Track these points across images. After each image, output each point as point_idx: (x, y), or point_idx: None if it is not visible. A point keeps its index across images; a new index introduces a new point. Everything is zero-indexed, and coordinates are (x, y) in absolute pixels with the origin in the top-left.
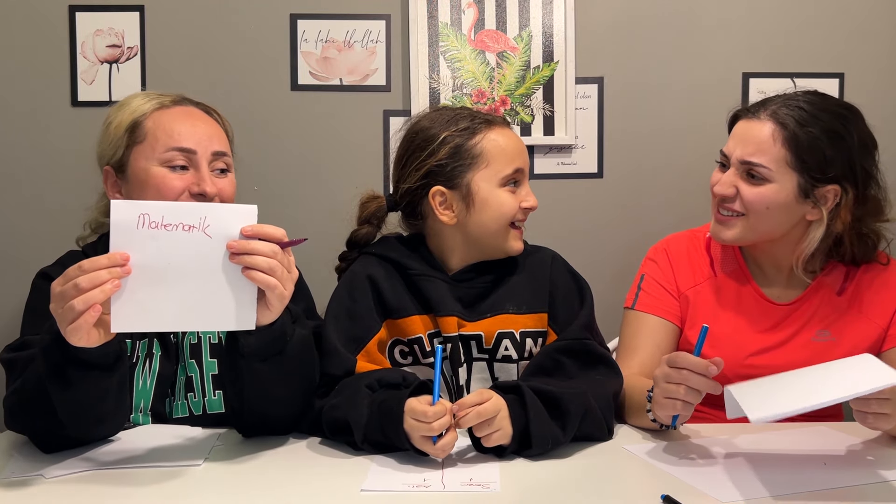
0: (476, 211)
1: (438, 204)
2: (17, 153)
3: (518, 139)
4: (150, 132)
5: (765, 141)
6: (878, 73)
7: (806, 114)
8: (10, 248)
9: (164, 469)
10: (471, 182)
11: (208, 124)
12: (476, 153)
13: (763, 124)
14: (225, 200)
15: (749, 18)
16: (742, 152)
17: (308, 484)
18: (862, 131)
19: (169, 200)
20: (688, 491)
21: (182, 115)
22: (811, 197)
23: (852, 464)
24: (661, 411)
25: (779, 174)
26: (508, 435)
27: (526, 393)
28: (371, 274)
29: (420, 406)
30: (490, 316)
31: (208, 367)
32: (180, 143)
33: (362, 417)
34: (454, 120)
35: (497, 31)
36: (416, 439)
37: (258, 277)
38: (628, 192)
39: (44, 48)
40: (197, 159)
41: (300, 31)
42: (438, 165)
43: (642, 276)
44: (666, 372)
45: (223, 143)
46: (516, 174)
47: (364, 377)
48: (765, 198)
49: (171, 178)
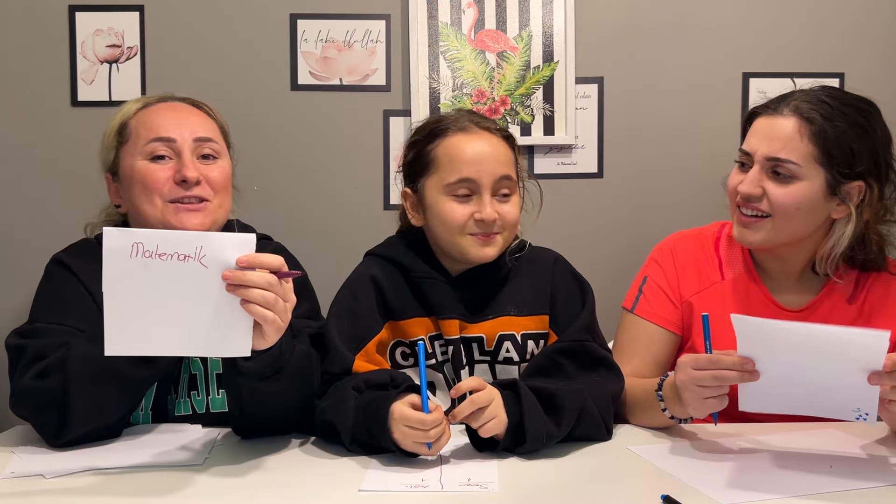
0: (430, 217)
1: (409, 206)
2: (17, 153)
3: (484, 147)
4: (134, 130)
5: (792, 136)
6: (878, 73)
7: (830, 108)
8: (10, 248)
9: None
10: (423, 187)
11: (192, 113)
12: (429, 159)
13: (787, 120)
14: (212, 185)
15: (749, 18)
16: (768, 149)
17: (307, 484)
18: (883, 126)
19: (155, 192)
20: (688, 491)
21: (164, 108)
22: (838, 194)
23: (860, 467)
24: (699, 413)
25: (807, 171)
26: (504, 423)
27: (521, 388)
28: (374, 275)
29: (415, 414)
30: (491, 318)
31: (213, 365)
32: (159, 133)
33: (348, 419)
34: (430, 123)
35: (497, 31)
36: (407, 445)
37: (254, 310)
38: (628, 192)
39: (44, 48)
40: (178, 147)
41: (300, 31)
42: (405, 167)
43: (644, 279)
44: (696, 376)
45: (208, 129)
46: (461, 183)
47: (352, 379)
48: (795, 197)
49: (153, 170)
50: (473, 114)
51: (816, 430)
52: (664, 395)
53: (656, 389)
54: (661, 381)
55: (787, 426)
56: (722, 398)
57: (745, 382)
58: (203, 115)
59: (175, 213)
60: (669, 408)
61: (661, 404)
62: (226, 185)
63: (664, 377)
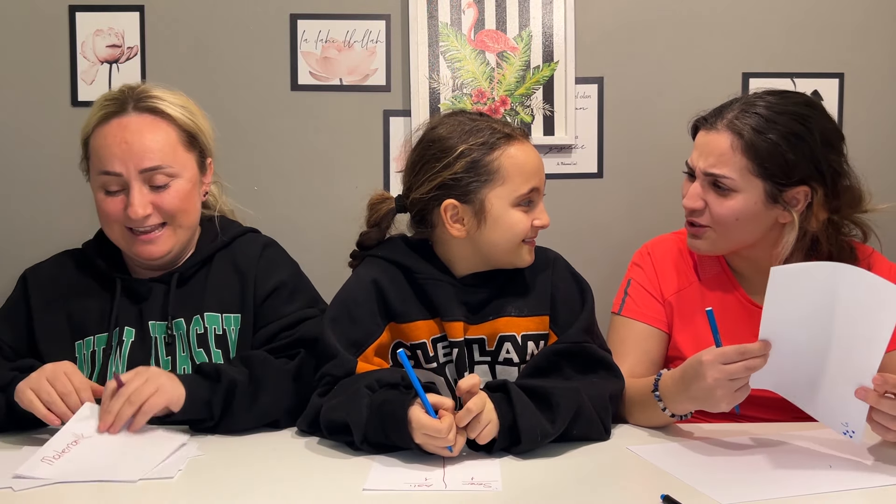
0: (487, 228)
1: (450, 217)
2: (17, 153)
3: (537, 155)
4: (92, 152)
5: (725, 152)
6: (878, 73)
7: (763, 119)
8: (9, 248)
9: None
10: (485, 199)
11: (142, 137)
12: (493, 169)
13: (720, 135)
14: (166, 213)
15: (749, 18)
16: (705, 164)
17: (310, 484)
18: (824, 127)
19: (112, 221)
20: (688, 491)
21: (115, 130)
22: (780, 201)
23: (860, 467)
24: (728, 405)
25: (744, 183)
26: (497, 426)
27: (511, 388)
28: (376, 278)
29: (431, 423)
30: (492, 319)
31: (215, 357)
32: (105, 166)
33: (362, 418)
34: (473, 131)
35: (497, 31)
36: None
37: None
38: (628, 192)
39: (44, 48)
40: (125, 181)
41: (300, 31)
42: (453, 178)
43: (629, 282)
44: (729, 370)
45: (156, 156)
46: (531, 193)
47: (363, 377)
48: (733, 210)
49: (106, 202)
50: (504, 122)
51: (816, 431)
52: (662, 394)
53: (653, 390)
54: (656, 381)
55: (787, 426)
56: (747, 387)
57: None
58: (156, 131)
59: (133, 242)
60: (669, 406)
61: (660, 404)
62: (182, 207)
63: (658, 376)
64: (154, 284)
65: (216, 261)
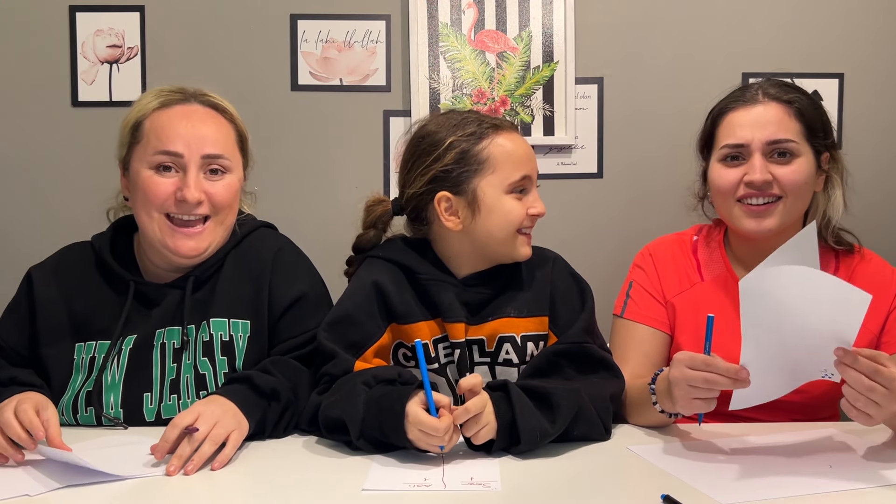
0: (482, 218)
1: (444, 210)
2: (18, 153)
3: (526, 144)
4: (146, 133)
5: (782, 118)
6: (878, 73)
7: (791, 89)
8: (10, 248)
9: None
10: (477, 188)
11: (206, 125)
12: (482, 158)
13: (768, 106)
14: (215, 204)
15: (749, 18)
16: (764, 134)
17: (309, 484)
18: None
19: (154, 206)
20: (688, 491)
21: (179, 115)
22: (820, 167)
23: (860, 467)
24: (687, 411)
25: (802, 147)
26: (494, 429)
27: (511, 388)
28: (377, 279)
29: (429, 421)
30: (492, 319)
31: (220, 364)
32: (167, 146)
33: (358, 414)
34: (461, 124)
35: (497, 32)
36: (422, 445)
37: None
38: (628, 192)
39: (44, 48)
40: (184, 162)
41: (300, 31)
42: (444, 171)
43: (630, 284)
44: (689, 375)
45: (219, 143)
46: (523, 181)
47: (360, 374)
48: (800, 173)
49: (157, 182)
50: (493, 116)
51: (816, 430)
52: (656, 388)
53: (649, 383)
54: (655, 376)
55: (787, 426)
56: (710, 401)
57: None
58: (219, 124)
59: (171, 235)
60: (660, 402)
61: (652, 397)
62: (230, 202)
63: (658, 371)
64: (168, 290)
65: (227, 261)
